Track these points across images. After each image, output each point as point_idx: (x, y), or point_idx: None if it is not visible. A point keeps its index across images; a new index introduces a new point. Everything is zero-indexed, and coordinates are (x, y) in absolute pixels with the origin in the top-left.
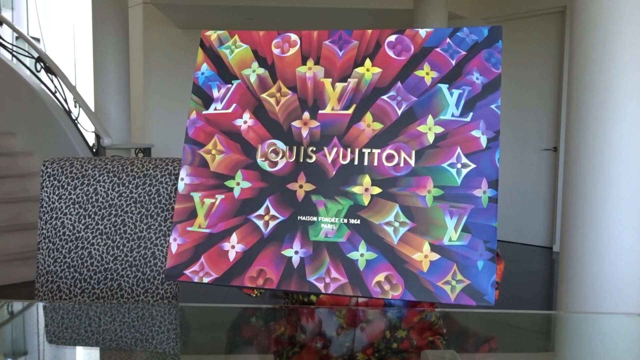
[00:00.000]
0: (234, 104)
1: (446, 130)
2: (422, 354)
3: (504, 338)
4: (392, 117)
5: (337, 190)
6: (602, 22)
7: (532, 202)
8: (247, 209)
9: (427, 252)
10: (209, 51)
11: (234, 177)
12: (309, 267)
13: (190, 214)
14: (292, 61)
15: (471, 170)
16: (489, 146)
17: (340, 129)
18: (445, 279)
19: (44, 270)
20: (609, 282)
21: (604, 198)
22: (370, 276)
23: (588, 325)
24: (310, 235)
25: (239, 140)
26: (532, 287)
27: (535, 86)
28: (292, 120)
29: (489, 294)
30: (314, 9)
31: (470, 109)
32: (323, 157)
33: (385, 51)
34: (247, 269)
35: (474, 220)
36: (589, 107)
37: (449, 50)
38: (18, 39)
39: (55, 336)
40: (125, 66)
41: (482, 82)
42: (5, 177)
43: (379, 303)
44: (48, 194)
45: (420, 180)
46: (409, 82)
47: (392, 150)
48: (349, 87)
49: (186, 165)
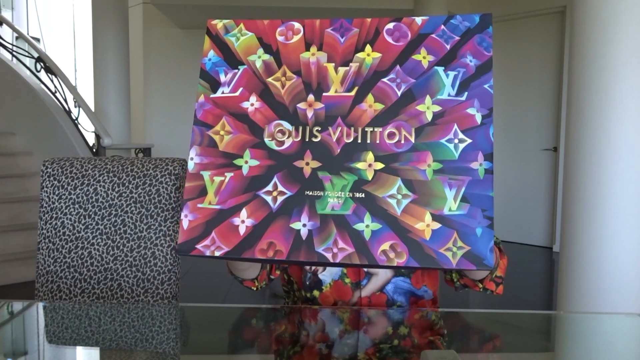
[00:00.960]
0: (241, 88)
1: (443, 109)
2: (422, 354)
3: (504, 338)
4: (393, 97)
5: (342, 167)
6: (602, 22)
7: (532, 202)
8: (256, 185)
9: (429, 221)
10: (216, 38)
11: (242, 156)
12: (317, 238)
13: (201, 192)
14: (296, 47)
15: (467, 144)
16: (483, 122)
17: (343, 109)
18: (446, 245)
19: (44, 270)
20: (609, 282)
21: (604, 198)
22: (376, 245)
23: (588, 325)
24: (318, 208)
25: (246, 121)
26: (532, 287)
27: (535, 86)
28: (297, 102)
29: (488, 259)
30: (314, 9)
31: (465, 88)
32: (328, 136)
33: (385, 37)
34: (257, 242)
35: (472, 191)
36: (589, 107)
37: (443, 36)
38: (18, 39)
39: (55, 336)
40: (125, 66)
41: (475, 64)
42: (5, 177)
43: (381, 303)
44: (48, 194)
45: (420, 155)
46: (407, 65)
47: (393, 128)
48: (351, 70)
49: (195, 146)
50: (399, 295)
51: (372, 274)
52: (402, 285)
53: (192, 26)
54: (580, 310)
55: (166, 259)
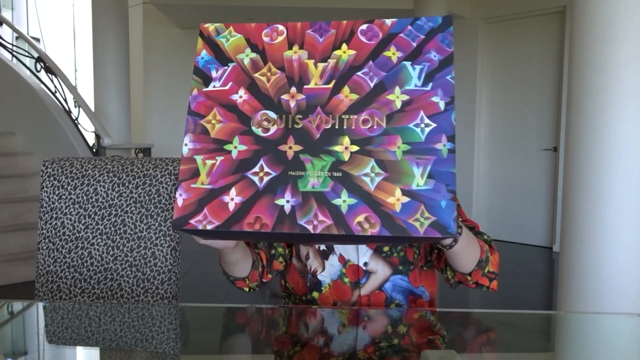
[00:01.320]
0: (231, 82)
1: (411, 98)
2: (422, 354)
3: (504, 338)
4: (366, 88)
5: (321, 150)
6: (602, 22)
7: (532, 202)
8: (244, 167)
9: (399, 196)
10: (207, 40)
11: (231, 142)
12: (299, 212)
13: (194, 173)
14: (280, 47)
15: (432, 128)
16: (446, 109)
17: (322, 100)
18: (414, 217)
19: (44, 270)
20: (609, 282)
21: (604, 198)
22: (352, 217)
23: (588, 325)
24: (299, 186)
25: (235, 111)
26: (532, 287)
27: (535, 86)
28: (281, 94)
29: (451, 227)
30: (314, 9)
31: (430, 80)
32: (308, 123)
33: (358, 37)
34: (245, 216)
35: (437, 168)
36: (589, 107)
37: (410, 35)
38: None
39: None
40: (125, 66)
41: (438, 59)
42: (5, 177)
43: (380, 302)
44: (48, 194)
45: (390, 138)
46: (379, 60)
47: (366, 115)
48: (329, 66)
49: (189, 133)
50: (398, 293)
51: (370, 273)
52: (400, 284)
53: (192, 26)
54: (580, 310)
55: (166, 259)
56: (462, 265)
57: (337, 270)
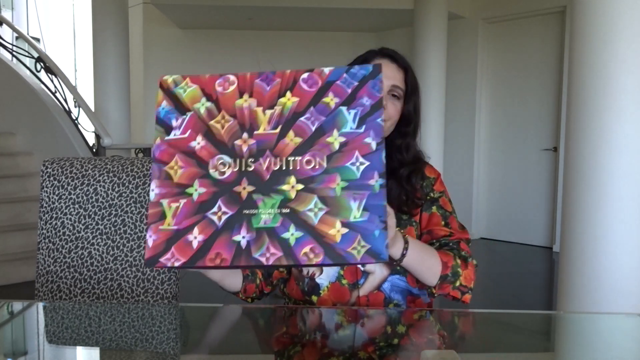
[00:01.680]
0: (189, 130)
1: (347, 140)
2: (422, 354)
3: (504, 338)
4: (308, 132)
5: (271, 189)
6: (602, 22)
7: (532, 202)
8: (204, 208)
9: (339, 228)
10: (167, 91)
11: (192, 186)
12: (253, 247)
13: (160, 216)
14: (231, 96)
15: (366, 166)
16: (377, 149)
17: (270, 144)
18: (352, 246)
19: (44, 270)
20: (609, 282)
21: (604, 198)
22: (299, 249)
23: (588, 325)
24: (253, 223)
25: (194, 157)
26: (532, 287)
27: (535, 86)
28: (234, 140)
29: (384, 254)
30: (313, 9)
31: (363, 123)
32: (259, 166)
33: (300, 85)
34: (207, 253)
35: (370, 202)
36: (589, 107)
37: (345, 82)
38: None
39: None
40: (125, 66)
41: (369, 104)
42: (5, 177)
43: (378, 302)
44: (48, 194)
45: (331, 177)
46: (319, 106)
47: (309, 157)
48: (275, 113)
49: (155, 179)
50: (396, 293)
51: (368, 273)
52: (399, 284)
53: (192, 26)
54: (580, 310)
55: None
56: (421, 279)
57: (335, 272)
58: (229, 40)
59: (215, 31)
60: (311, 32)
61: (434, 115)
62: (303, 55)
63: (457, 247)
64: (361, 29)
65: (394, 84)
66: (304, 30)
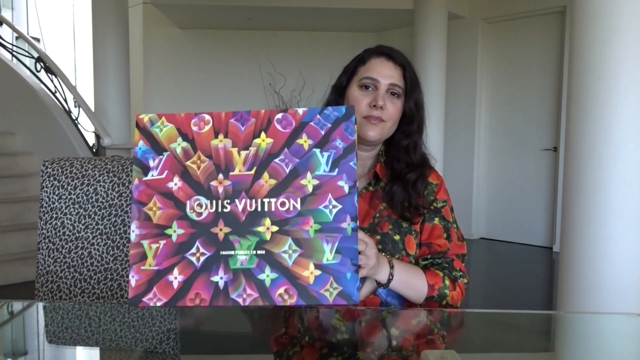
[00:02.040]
0: (166, 171)
1: (320, 183)
2: (422, 354)
3: (504, 338)
4: (283, 174)
5: (247, 231)
6: (602, 22)
7: (532, 202)
8: (183, 249)
9: (312, 270)
10: (143, 131)
11: (171, 227)
12: (231, 288)
13: (142, 257)
14: (207, 136)
15: (339, 210)
16: (350, 192)
17: (246, 185)
18: (325, 287)
19: (44, 270)
20: (608, 282)
21: (604, 198)
22: (274, 290)
23: (588, 325)
24: (230, 265)
25: (172, 198)
26: (532, 287)
27: (535, 86)
28: (210, 181)
29: (355, 296)
30: (313, 9)
31: (336, 166)
32: (235, 207)
33: (275, 126)
34: (187, 293)
35: (343, 245)
36: (589, 107)
37: (319, 124)
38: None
39: (55, 336)
40: (125, 66)
41: (343, 147)
42: (5, 177)
43: (375, 304)
44: (48, 194)
45: (304, 219)
46: (293, 148)
47: (284, 199)
48: (250, 154)
49: (135, 220)
50: (393, 298)
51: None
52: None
53: (192, 26)
54: (580, 310)
55: None
56: (408, 298)
57: None
58: (229, 40)
59: (215, 31)
60: (311, 32)
61: (433, 115)
62: (303, 55)
63: (450, 265)
64: (361, 29)
65: (391, 82)
66: (304, 30)
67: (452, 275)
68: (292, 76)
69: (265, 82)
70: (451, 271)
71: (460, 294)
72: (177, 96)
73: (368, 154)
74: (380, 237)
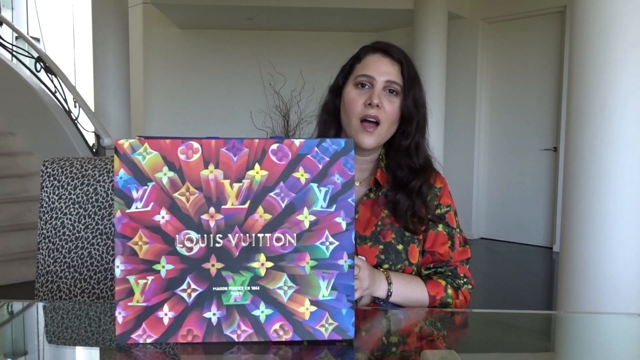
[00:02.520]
0: (152, 203)
1: (317, 218)
2: (422, 354)
3: (504, 338)
4: (278, 209)
5: (241, 266)
6: (602, 22)
7: (532, 202)
8: (173, 285)
9: (308, 306)
10: (124, 158)
11: (159, 262)
12: (225, 324)
13: (129, 293)
14: (196, 166)
15: (336, 246)
16: (347, 229)
17: (239, 219)
18: (320, 323)
19: (44, 270)
20: (609, 282)
21: (604, 198)
22: (269, 326)
23: (588, 325)
24: (223, 300)
25: (159, 232)
26: (532, 287)
27: (535, 86)
28: (201, 214)
29: (350, 331)
30: (313, 9)
31: (334, 202)
32: (228, 242)
33: (270, 157)
34: (179, 330)
35: (339, 281)
36: (589, 107)
37: (317, 157)
38: (18, 39)
39: (55, 336)
40: (125, 66)
41: (341, 182)
42: (5, 177)
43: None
44: (48, 194)
45: (300, 255)
46: (289, 182)
47: (279, 234)
48: (244, 186)
49: (119, 255)
50: (392, 306)
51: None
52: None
53: (192, 26)
54: (580, 310)
55: None
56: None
57: None
58: (229, 40)
59: (215, 31)
60: (311, 32)
61: (433, 115)
62: (303, 55)
63: (454, 273)
64: (361, 29)
65: (388, 79)
66: (304, 30)
67: (456, 283)
68: (292, 76)
69: (265, 82)
70: (454, 279)
71: (464, 301)
72: (177, 96)
73: (367, 158)
74: (383, 246)
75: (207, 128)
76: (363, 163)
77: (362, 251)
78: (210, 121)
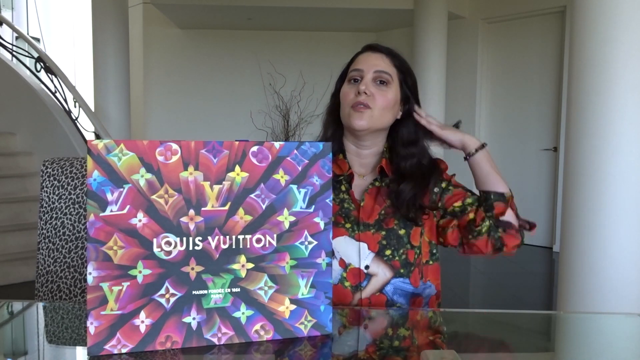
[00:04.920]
0: (128, 205)
1: (297, 219)
2: (422, 354)
3: (504, 338)
4: (259, 210)
5: (221, 269)
6: (602, 22)
7: (532, 202)
8: (150, 291)
9: (288, 304)
10: (98, 159)
11: (136, 267)
12: (205, 327)
13: (102, 301)
14: (175, 167)
15: (314, 245)
16: (325, 228)
17: (219, 221)
18: (300, 321)
19: (44, 270)
20: (609, 282)
21: (604, 198)
22: (250, 327)
23: (588, 325)
24: (203, 304)
25: (136, 236)
26: (532, 287)
27: (535, 86)
28: (180, 217)
29: (328, 327)
30: (313, 9)
31: (313, 202)
32: (208, 245)
33: (250, 159)
34: (157, 337)
35: (317, 279)
36: (589, 107)
37: (296, 159)
38: (18, 39)
39: (55, 336)
40: (125, 66)
41: (320, 183)
42: (5, 177)
43: (380, 304)
44: (48, 194)
45: (281, 255)
46: (269, 183)
47: (259, 235)
48: (224, 188)
49: (92, 261)
50: (399, 296)
51: (371, 275)
52: (402, 286)
53: (192, 26)
54: (580, 310)
55: None
56: (490, 183)
57: (337, 274)
58: (229, 40)
59: (215, 31)
60: (311, 32)
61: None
62: (303, 55)
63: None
64: (361, 29)
65: (376, 69)
66: (304, 30)
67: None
68: (292, 76)
69: (265, 82)
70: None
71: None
72: (177, 96)
73: (368, 151)
74: (385, 232)
75: (207, 128)
76: (364, 157)
77: (365, 237)
78: (210, 121)
